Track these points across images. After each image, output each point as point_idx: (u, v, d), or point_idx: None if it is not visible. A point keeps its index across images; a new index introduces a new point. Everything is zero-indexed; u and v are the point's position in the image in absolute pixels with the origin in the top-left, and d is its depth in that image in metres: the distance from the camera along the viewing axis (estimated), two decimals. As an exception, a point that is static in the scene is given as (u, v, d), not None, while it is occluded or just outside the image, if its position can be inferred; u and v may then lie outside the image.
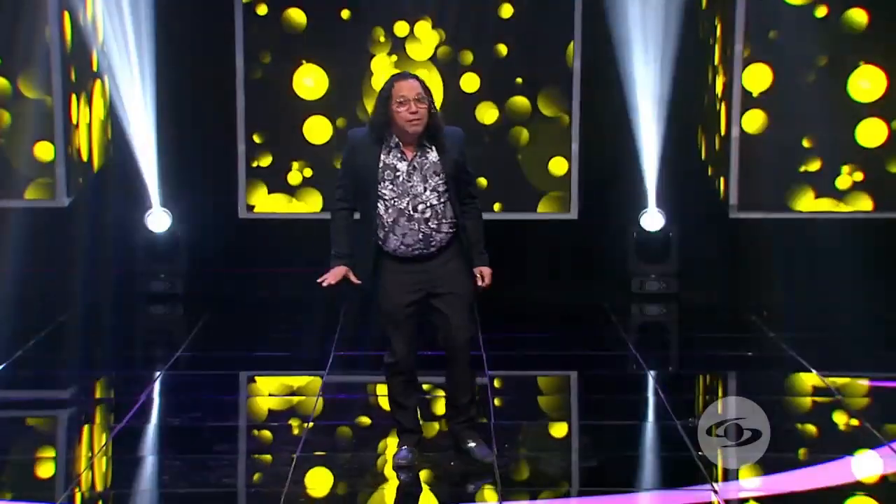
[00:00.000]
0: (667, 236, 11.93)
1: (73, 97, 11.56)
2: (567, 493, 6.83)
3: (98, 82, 11.96)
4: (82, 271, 11.64)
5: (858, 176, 11.82)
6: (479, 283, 6.88)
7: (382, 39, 11.93)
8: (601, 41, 11.79)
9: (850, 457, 7.29)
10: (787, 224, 11.86)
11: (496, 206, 12.04)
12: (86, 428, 8.17)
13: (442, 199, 6.73)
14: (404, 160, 6.71)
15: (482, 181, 11.89)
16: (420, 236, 6.73)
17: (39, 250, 11.53)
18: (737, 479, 6.87)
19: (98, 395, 8.99)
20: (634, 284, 11.93)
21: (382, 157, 6.70)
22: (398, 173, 6.70)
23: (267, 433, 7.89)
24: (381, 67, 11.92)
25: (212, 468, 6.96)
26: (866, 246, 11.61)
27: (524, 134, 12.06)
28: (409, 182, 6.70)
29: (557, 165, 12.09)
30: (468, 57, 11.98)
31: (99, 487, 6.93)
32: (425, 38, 11.95)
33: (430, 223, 6.73)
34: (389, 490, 6.79)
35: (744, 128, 11.79)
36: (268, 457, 7.35)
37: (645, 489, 6.90)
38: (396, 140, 6.73)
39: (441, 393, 8.67)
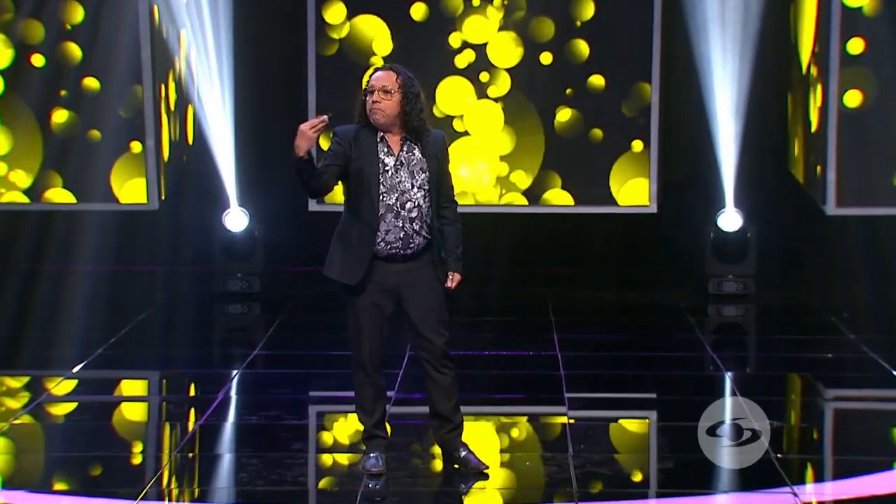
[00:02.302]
0: (744, 237, 11.82)
1: (162, 87, 11.71)
2: (644, 495, 6.79)
3: (182, 77, 12.08)
4: (161, 270, 11.77)
5: None
6: (448, 283, 6.75)
7: (458, 44, 11.97)
8: (680, 39, 11.72)
9: (933, 461, 7.19)
10: (868, 223, 11.66)
11: (571, 201, 12.05)
12: (164, 425, 8.25)
13: (426, 201, 6.66)
14: (391, 155, 6.67)
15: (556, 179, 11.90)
16: (402, 235, 6.64)
17: (119, 249, 11.68)
18: (816, 482, 6.80)
19: (176, 392, 9.08)
20: (711, 285, 11.84)
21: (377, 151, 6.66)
22: (387, 168, 6.65)
23: (344, 431, 7.92)
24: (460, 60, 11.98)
25: (289, 466, 7.00)
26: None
27: (599, 132, 12.02)
28: (397, 177, 6.64)
29: (636, 156, 12.04)
30: (548, 57, 11.98)
31: (178, 484, 6.99)
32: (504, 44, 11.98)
33: (414, 224, 6.65)
34: (465, 491, 6.79)
35: (845, 103, 11.45)
36: (345, 455, 7.37)
37: (723, 491, 6.84)
38: (381, 134, 6.68)
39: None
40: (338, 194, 12.28)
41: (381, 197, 6.62)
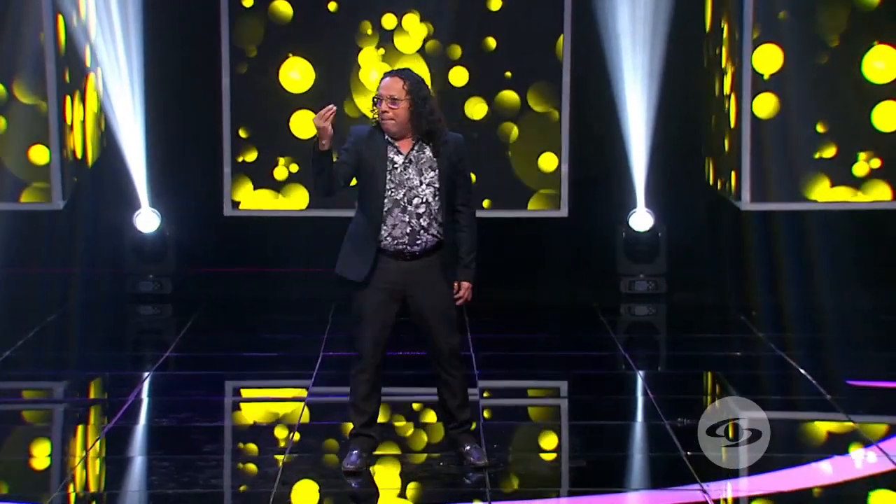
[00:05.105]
0: (655, 236, 11.93)
1: (67, 99, 11.55)
2: (556, 493, 6.83)
3: (91, 81, 11.95)
4: (71, 272, 11.63)
5: (876, 163, 11.56)
6: (455, 292, 6.78)
7: (370, 32, 11.93)
8: (592, 36, 11.79)
9: (839, 456, 7.29)
10: (781, 221, 11.75)
11: (485, 203, 12.01)
12: (74, 428, 8.16)
13: (437, 198, 6.70)
14: (400, 154, 6.71)
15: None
16: (408, 230, 6.69)
17: (27, 250, 11.53)
18: (725, 478, 6.88)
19: (87, 395, 8.98)
20: (623, 285, 11.93)
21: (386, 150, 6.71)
22: (395, 165, 6.70)
23: (256, 434, 7.88)
24: (369, 61, 11.92)
25: (200, 469, 6.95)
26: (877, 239, 11.58)
27: (514, 130, 12.06)
28: (405, 174, 6.69)
29: (547, 161, 12.09)
30: (457, 51, 11.98)
31: (87, 488, 6.92)
32: (413, 31, 11.94)
33: (421, 220, 6.69)
34: (378, 491, 6.78)
35: (755, 112, 11.51)
36: (257, 457, 7.34)
37: (634, 489, 6.90)
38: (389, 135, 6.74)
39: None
40: (255, 200, 12.30)
41: (387, 192, 6.65)
